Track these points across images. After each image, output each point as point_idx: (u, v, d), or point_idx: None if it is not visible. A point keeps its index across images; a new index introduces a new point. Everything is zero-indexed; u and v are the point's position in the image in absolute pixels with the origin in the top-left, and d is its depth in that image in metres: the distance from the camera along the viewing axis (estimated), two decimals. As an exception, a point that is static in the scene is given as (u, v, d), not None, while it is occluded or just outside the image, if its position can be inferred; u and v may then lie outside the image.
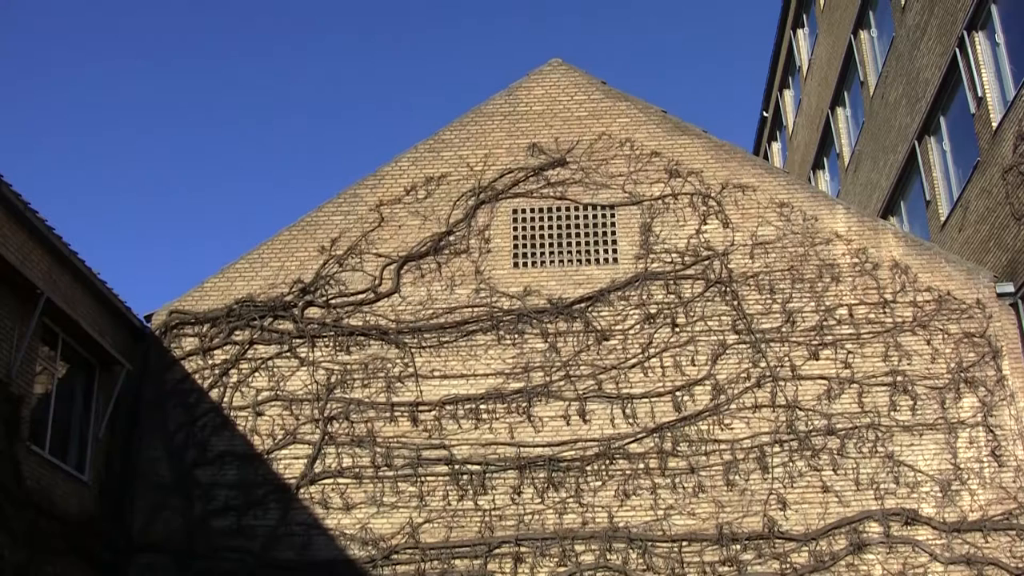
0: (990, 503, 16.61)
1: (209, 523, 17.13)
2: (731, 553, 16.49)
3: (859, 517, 16.59)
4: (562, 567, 16.55)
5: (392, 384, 17.57)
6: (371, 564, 16.71)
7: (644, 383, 17.40)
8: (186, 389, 17.83)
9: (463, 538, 16.75)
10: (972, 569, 16.29)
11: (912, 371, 17.31)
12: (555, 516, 16.80)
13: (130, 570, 17.00)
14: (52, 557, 15.19)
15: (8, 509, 14.15)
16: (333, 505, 17.05)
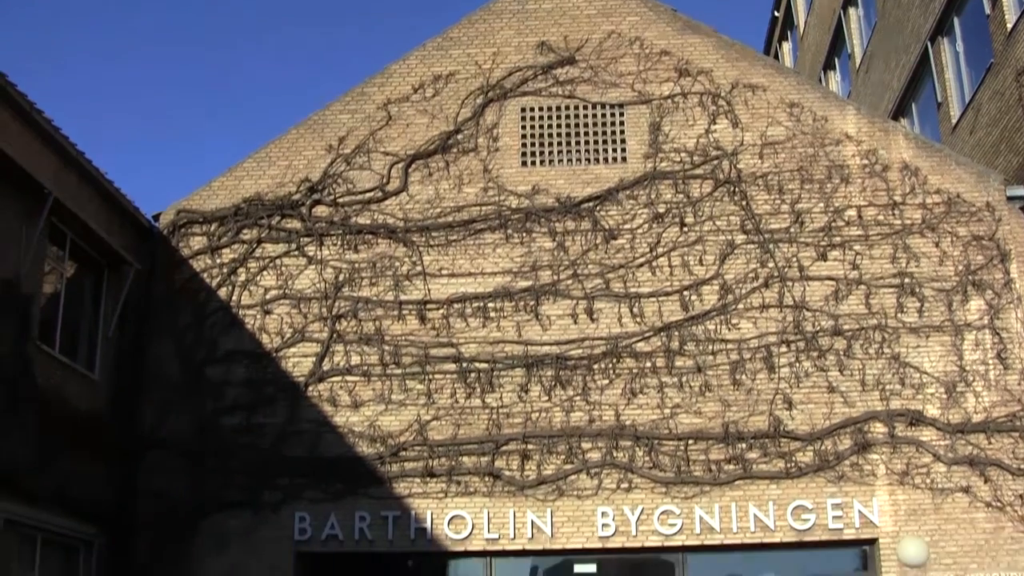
0: (994, 405, 16.70)
1: (218, 421, 17.27)
2: (737, 451, 16.63)
3: (864, 417, 16.69)
4: (568, 464, 16.71)
5: (400, 282, 17.59)
6: (379, 461, 16.87)
7: (652, 282, 17.40)
8: (194, 288, 17.87)
9: (471, 435, 16.90)
10: (975, 470, 16.43)
11: (920, 273, 17.29)
12: (562, 414, 16.93)
13: (140, 468, 17.18)
14: (63, 455, 15.34)
15: (20, 407, 14.27)
16: (342, 403, 17.17)
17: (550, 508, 16.59)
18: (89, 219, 15.98)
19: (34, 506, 14.48)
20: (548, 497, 16.63)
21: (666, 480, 16.56)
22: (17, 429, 14.22)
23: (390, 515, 16.68)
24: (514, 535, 16.56)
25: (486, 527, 16.59)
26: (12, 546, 14.15)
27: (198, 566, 16.74)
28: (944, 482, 16.45)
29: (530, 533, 16.55)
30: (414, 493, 16.76)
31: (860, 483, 16.51)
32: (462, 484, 16.75)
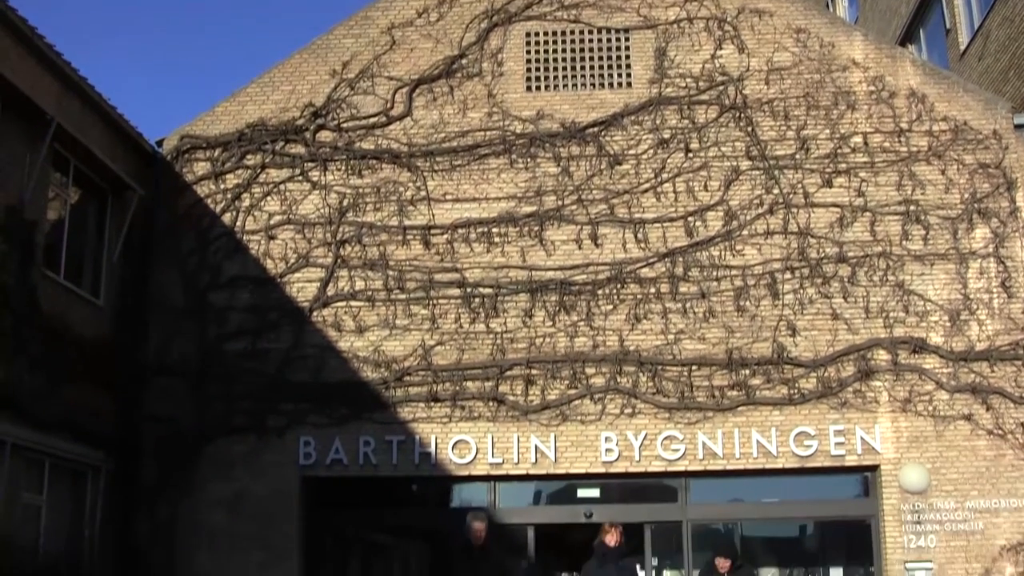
0: (998, 333, 16.71)
1: (223, 346, 17.30)
2: (740, 378, 16.67)
3: (867, 344, 16.70)
4: (572, 389, 16.77)
5: (404, 208, 17.53)
6: (384, 385, 16.92)
7: (656, 208, 17.33)
8: (198, 214, 17.81)
9: (475, 360, 16.94)
10: (977, 397, 16.48)
11: (925, 201, 17.21)
12: (566, 339, 16.94)
13: (146, 393, 17.24)
14: (69, 381, 15.39)
15: (25, 333, 14.30)
16: (346, 328, 17.20)
17: (554, 433, 16.67)
18: (92, 145, 15.89)
19: (41, 431, 14.56)
20: (552, 422, 16.70)
21: (669, 406, 16.63)
22: (22, 355, 14.25)
23: (394, 440, 16.77)
24: (518, 460, 16.66)
25: (490, 452, 16.68)
26: (19, 471, 14.24)
27: (203, 490, 16.86)
28: (946, 410, 16.51)
29: (534, 458, 16.66)
30: (418, 418, 16.85)
31: (863, 410, 16.56)
32: (466, 409, 16.82)
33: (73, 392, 15.48)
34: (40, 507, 14.90)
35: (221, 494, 16.84)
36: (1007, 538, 16.14)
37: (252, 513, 16.74)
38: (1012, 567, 16.06)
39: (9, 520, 13.74)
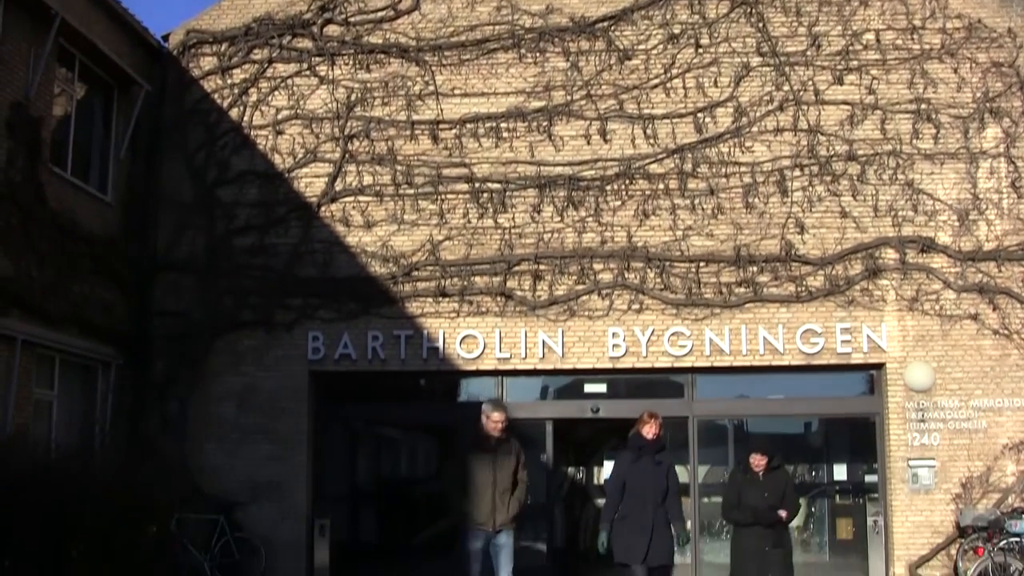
0: (1006, 233, 16.68)
1: (231, 242, 17.33)
2: (748, 274, 16.68)
3: (876, 243, 16.69)
4: (580, 285, 16.80)
5: (412, 102, 17.40)
6: (392, 280, 16.95)
7: (666, 104, 17.19)
8: (205, 109, 17.70)
9: (483, 255, 16.95)
10: (984, 297, 16.51)
11: (937, 99, 17.06)
12: (574, 235, 16.94)
13: (155, 289, 17.32)
14: (78, 277, 15.44)
15: (33, 230, 14.30)
16: (354, 223, 17.18)
17: (561, 328, 16.74)
18: (97, 40, 15.75)
19: (51, 327, 14.65)
20: (559, 317, 16.76)
21: (677, 302, 16.66)
22: (31, 252, 14.28)
23: (402, 334, 16.85)
24: (525, 355, 16.76)
25: (498, 347, 16.77)
26: (30, 366, 14.34)
27: (213, 384, 17.01)
28: (953, 309, 16.54)
29: (541, 353, 16.74)
30: (426, 313, 16.91)
31: (869, 308, 16.60)
32: (474, 304, 16.87)
33: (82, 288, 15.53)
34: (51, 402, 15.06)
35: (230, 388, 16.98)
36: (1010, 437, 16.27)
37: (261, 407, 16.90)
38: (1014, 465, 16.19)
39: (21, 415, 13.88)
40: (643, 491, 11.02)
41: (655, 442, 11.26)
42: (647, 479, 11.08)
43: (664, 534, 11.04)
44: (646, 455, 11.16)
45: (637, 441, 11.30)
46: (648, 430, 11.22)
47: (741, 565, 10.98)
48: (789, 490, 11.36)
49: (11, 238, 13.84)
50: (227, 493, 16.58)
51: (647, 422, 11.28)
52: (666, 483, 11.19)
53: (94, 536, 8.66)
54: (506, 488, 10.85)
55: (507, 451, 10.98)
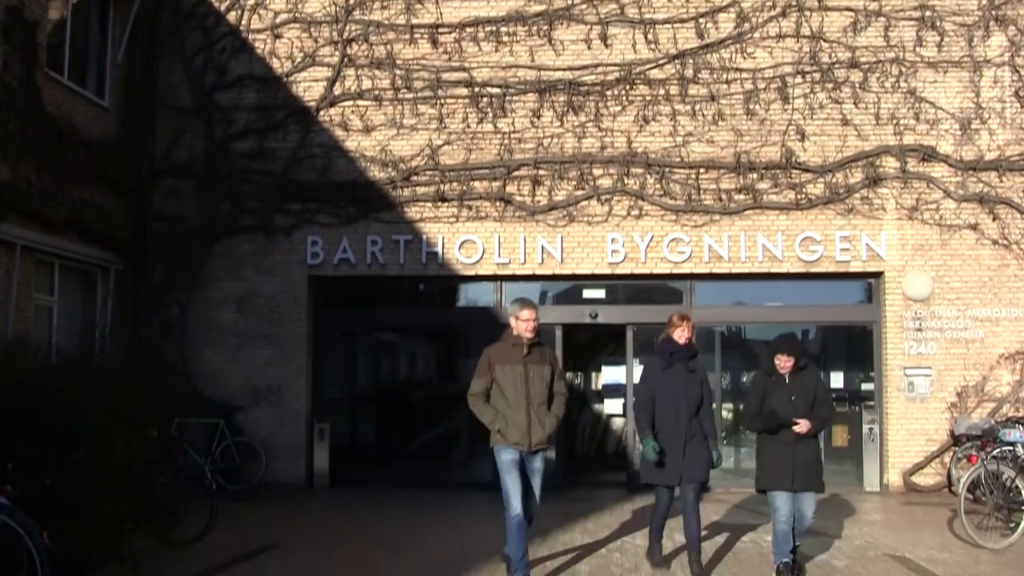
0: (1008, 143, 16.60)
1: (230, 146, 17.26)
2: (748, 181, 16.65)
3: (877, 151, 16.62)
4: (580, 190, 16.78)
5: (412, 5, 17.15)
6: (391, 185, 16.93)
7: (667, 8, 16.97)
8: (203, 12, 17.50)
9: (482, 160, 16.90)
10: (984, 207, 16.49)
11: (941, 6, 16.85)
12: (574, 140, 16.87)
13: (153, 193, 17.30)
14: (77, 182, 15.37)
15: (30, 135, 14.20)
16: (353, 127, 17.09)
17: (560, 234, 16.75)
18: (92, -60, 15.57)
19: (50, 233, 14.63)
20: (559, 223, 16.76)
21: (676, 208, 16.65)
22: (29, 158, 14.21)
23: (402, 239, 16.86)
24: (524, 260, 16.79)
25: (497, 252, 16.79)
26: (30, 272, 14.35)
27: (212, 289, 17.07)
28: (952, 218, 16.53)
29: (540, 258, 16.77)
30: (426, 217, 16.90)
31: (869, 217, 16.59)
32: (473, 209, 16.86)
33: (80, 193, 15.48)
34: (51, 308, 15.09)
35: (230, 293, 17.05)
36: (1006, 347, 16.36)
37: (260, 311, 16.98)
38: (1010, 375, 16.30)
39: (21, 321, 13.93)
40: (675, 402, 9.83)
41: (688, 347, 10.05)
42: (679, 388, 9.88)
43: (700, 451, 9.84)
44: (678, 362, 9.95)
45: (668, 346, 10.07)
46: (680, 334, 9.99)
47: (767, 475, 9.56)
48: (821, 392, 9.79)
49: (9, 143, 13.76)
50: (227, 397, 16.74)
51: (678, 325, 10.08)
52: (700, 393, 9.99)
53: (94, 440, 8.73)
54: (541, 402, 9.34)
55: (540, 358, 9.47)
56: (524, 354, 9.36)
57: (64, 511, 8.48)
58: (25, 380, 8.73)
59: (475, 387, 9.47)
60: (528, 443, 9.23)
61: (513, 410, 9.26)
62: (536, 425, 9.25)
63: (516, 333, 9.43)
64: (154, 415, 9.85)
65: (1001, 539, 11.20)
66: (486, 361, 9.44)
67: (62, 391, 8.67)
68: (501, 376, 9.33)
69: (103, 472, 8.79)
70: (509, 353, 9.41)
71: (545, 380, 9.43)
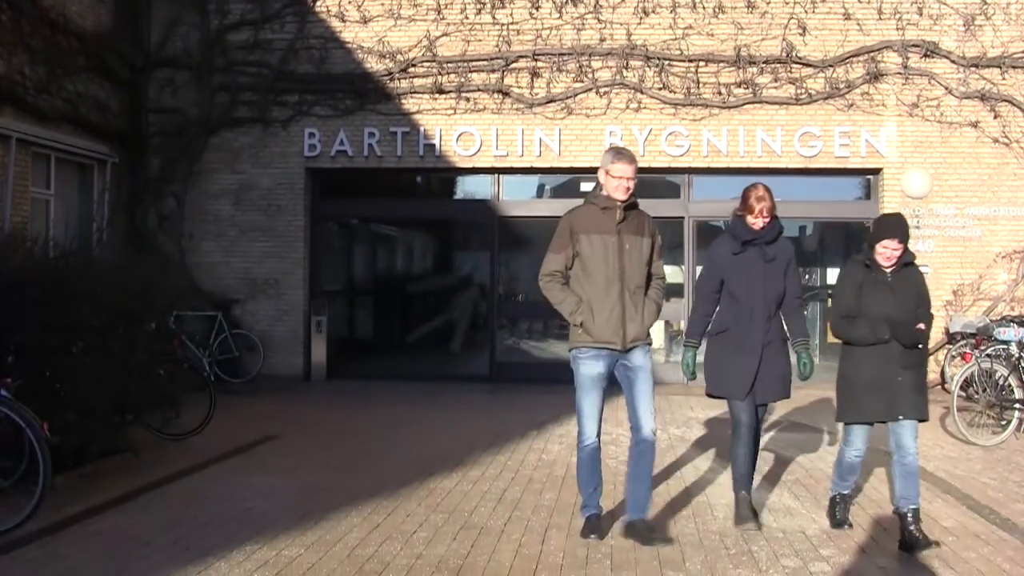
0: (1012, 40, 16.40)
1: (225, 37, 17.09)
2: (747, 75, 16.51)
3: (878, 46, 16.45)
4: (578, 83, 16.64)
5: None
6: (388, 77, 16.79)
7: None
8: (195, -103, 17.22)
9: (480, 52, 16.75)
10: (985, 104, 16.36)
11: None
12: (573, 32, 16.68)
13: (149, 85, 17.17)
14: (71, 74, 15.23)
15: (23, 26, 14.03)
16: (350, 18, 16.89)
17: (558, 126, 16.65)
18: None
19: (45, 125, 14.54)
20: (557, 115, 16.65)
21: (675, 101, 16.53)
22: (23, 49, 14.07)
23: (399, 131, 16.78)
24: (522, 152, 16.72)
25: (494, 144, 16.72)
26: (26, 165, 14.27)
27: (209, 181, 17.05)
28: (953, 116, 16.41)
29: (538, 151, 16.70)
30: (423, 109, 16.79)
31: (869, 112, 16.48)
32: (471, 101, 16.74)
33: (75, 85, 15.35)
34: (48, 201, 15.04)
35: (227, 185, 17.02)
36: (1003, 246, 16.37)
37: (258, 203, 16.96)
38: (1006, 274, 16.32)
39: (19, 214, 13.89)
40: (750, 295, 7.69)
41: (768, 228, 7.74)
42: (756, 278, 7.70)
43: (779, 357, 7.74)
44: (756, 246, 7.73)
45: (743, 228, 7.78)
46: (758, 211, 7.68)
47: (856, 404, 7.35)
48: (925, 292, 7.50)
49: (2, 35, 13.61)
50: (224, 290, 16.81)
51: (754, 208, 7.71)
52: (783, 285, 7.77)
53: (93, 333, 8.76)
54: (639, 285, 7.25)
55: (638, 227, 7.31)
56: (618, 220, 7.21)
57: (64, 403, 8.56)
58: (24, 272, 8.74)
59: (550, 264, 7.31)
60: (623, 338, 7.20)
61: (602, 295, 7.18)
62: (632, 314, 7.21)
63: (607, 193, 7.28)
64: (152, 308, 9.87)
65: (992, 436, 11.30)
66: (567, 229, 7.29)
67: (60, 284, 8.69)
68: (587, 249, 7.21)
69: (102, 365, 8.84)
70: (598, 219, 7.25)
71: (644, 256, 7.33)
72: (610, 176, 7.23)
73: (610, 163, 7.27)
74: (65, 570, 6.23)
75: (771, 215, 7.72)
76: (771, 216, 7.72)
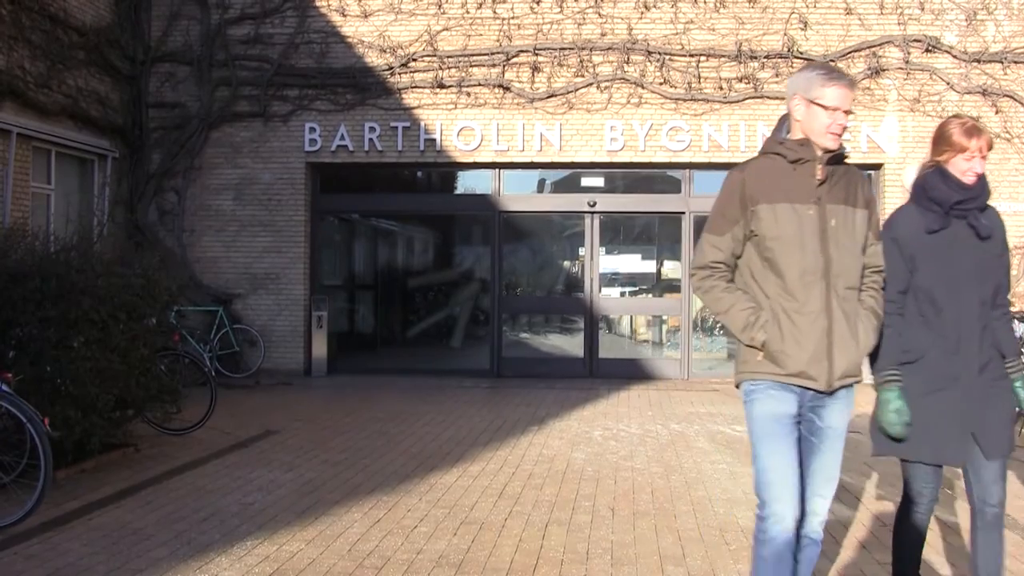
0: (1014, 35, 16.38)
1: (226, 32, 17.07)
2: (749, 70, 16.48)
3: (880, 41, 16.43)
4: (579, 77, 16.61)
5: None
6: (389, 71, 16.77)
7: None
8: None
9: (481, 46, 16.72)
10: (987, 100, 16.34)
11: None
12: (574, 26, 16.65)
13: (149, 80, 17.15)
14: (72, 68, 15.22)
15: (23, 20, 14.02)
16: (351, 13, 16.87)
17: (559, 121, 16.63)
18: None
19: (46, 120, 14.53)
20: (557, 110, 16.63)
21: (676, 96, 16.50)
22: (23, 43, 14.05)
23: (399, 126, 16.75)
24: (523, 147, 16.69)
25: (495, 139, 16.69)
26: (26, 160, 14.25)
27: (210, 176, 17.03)
28: (954, 111, 16.27)
29: (539, 145, 16.67)
30: (424, 104, 16.77)
31: (870, 107, 16.48)
32: (472, 95, 16.72)
33: (76, 80, 15.35)
34: (49, 195, 15.03)
35: (227, 179, 17.01)
36: (1004, 242, 16.25)
37: (258, 198, 16.95)
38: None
39: (19, 208, 13.89)
40: (960, 295, 4.84)
41: (980, 185, 4.98)
42: (967, 267, 4.88)
43: (1001, 391, 4.86)
44: (964, 214, 4.95)
45: (941, 190, 4.97)
46: (974, 151, 4.92)
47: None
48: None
49: (2, 29, 13.59)
50: (225, 285, 16.81)
51: (964, 146, 4.96)
52: (1000, 275, 4.99)
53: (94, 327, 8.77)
54: (851, 285, 4.55)
55: (848, 192, 4.59)
56: (818, 181, 4.50)
57: (65, 398, 8.57)
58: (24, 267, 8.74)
59: (707, 253, 4.66)
60: (827, 372, 4.44)
61: (796, 300, 4.45)
62: (844, 333, 4.47)
63: (804, 135, 4.55)
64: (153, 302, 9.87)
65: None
66: (736, 195, 4.57)
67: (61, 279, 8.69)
68: (771, 227, 4.48)
69: (103, 359, 8.85)
70: (787, 180, 4.52)
71: (858, 239, 4.58)
72: (817, 107, 4.47)
73: (820, 86, 4.48)
74: (66, 565, 6.23)
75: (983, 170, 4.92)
76: (980, 175, 4.92)
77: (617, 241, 17.92)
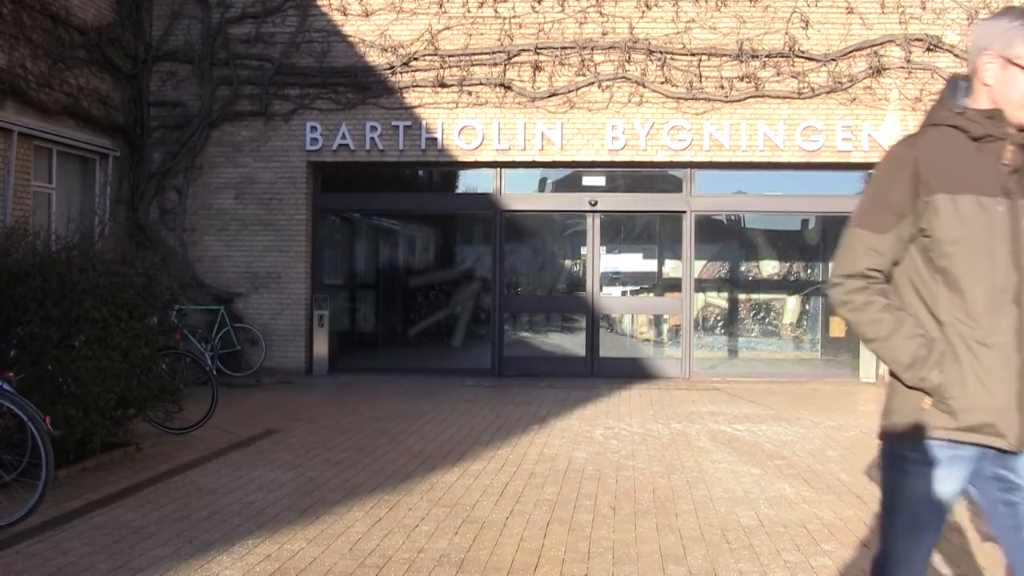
0: (1017, 30, 16.33)
1: (228, 31, 17.07)
2: (750, 69, 16.47)
3: (881, 40, 16.43)
4: (580, 76, 16.61)
5: None
6: (390, 71, 16.76)
7: None
8: None
9: (482, 45, 16.71)
10: (988, 98, 16.28)
11: None
12: (575, 25, 16.65)
13: (151, 78, 17.15)
14: (73, 67, 15.23)
15: (25, 19, 14.02)
16: (352, 12, 16.87)
17: (560, 120, 16.62)
18: None
19: (47, 119, 14.54)
20: (559, 109, 16.62)
21: (677, 95, 16.50)
22: (24, 42, 14.05)
23: (401, 125, 16.75)
24: (524, 146, 16.68)
25: (496, 138, 16.68)
26: (28, 159, 14.26)
27: (211, 175, 17.03)
28: (956, 109, 16.32)
29: (540, 144, 16.66)
30: (425, 103, 16.77)
31: (872, 106, 16.45)
32: (473, 95, 16.71)
33: (77, 78, 15.36)
34: (50, 194, 15.04)
35: (228, 178, 17.01)
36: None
37: (259, 197, 16.95)
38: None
39: (20, 207, 13.89)
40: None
41: None
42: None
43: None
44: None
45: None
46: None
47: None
48: None
49: (3, 28, 13.60)
50: (226, 284, 16.82)
51: None
52: None
53: (95, 326, 8.77)
54: None
55: None
56: (1010, 167, 3.46)
57: (66, 397, 8.57)
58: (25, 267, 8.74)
59: (862, 258, 3.57)
60: (1020, 426, 3.37)
61: (980, 327, 3.38)
62: None
63: (993, 105, 3.46)
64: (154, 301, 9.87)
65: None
66: (907, 178, 3.51)
67: (62, 278, 8.69)
68: (951, 226, 3.40)
69: (104, 358, 8.85)
70: (969, 161, 3.45)
71: None
72: (1018, 69, 3.39)
73: (1011, 36, 3.39)
74: (67, 564, 6.23)
75: None
76: None
77: (618, 240, 17.92)
